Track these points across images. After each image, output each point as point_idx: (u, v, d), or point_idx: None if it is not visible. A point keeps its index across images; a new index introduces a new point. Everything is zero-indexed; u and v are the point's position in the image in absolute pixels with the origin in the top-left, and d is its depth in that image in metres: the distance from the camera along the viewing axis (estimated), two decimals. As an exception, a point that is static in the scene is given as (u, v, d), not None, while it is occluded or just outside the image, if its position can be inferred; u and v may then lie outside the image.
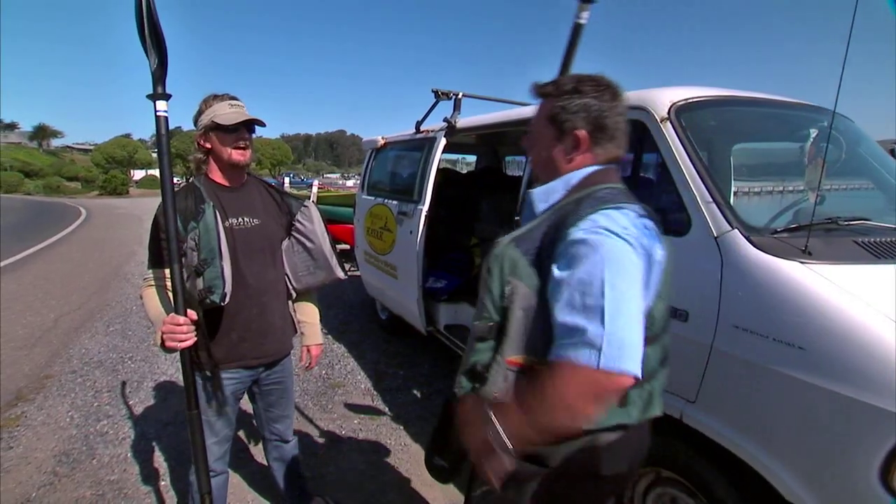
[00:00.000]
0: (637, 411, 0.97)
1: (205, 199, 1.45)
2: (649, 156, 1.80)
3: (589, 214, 0.86)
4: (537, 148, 1.06)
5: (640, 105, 1.74)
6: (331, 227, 6.79)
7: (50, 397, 3.23)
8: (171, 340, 1.31)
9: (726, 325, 1.36)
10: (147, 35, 1.26)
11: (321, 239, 1.69)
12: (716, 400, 1.39)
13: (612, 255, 0.81)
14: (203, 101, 1.54)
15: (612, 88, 0.99)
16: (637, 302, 0.82)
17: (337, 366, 3.81)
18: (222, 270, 1.43)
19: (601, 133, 0.98)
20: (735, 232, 1.39)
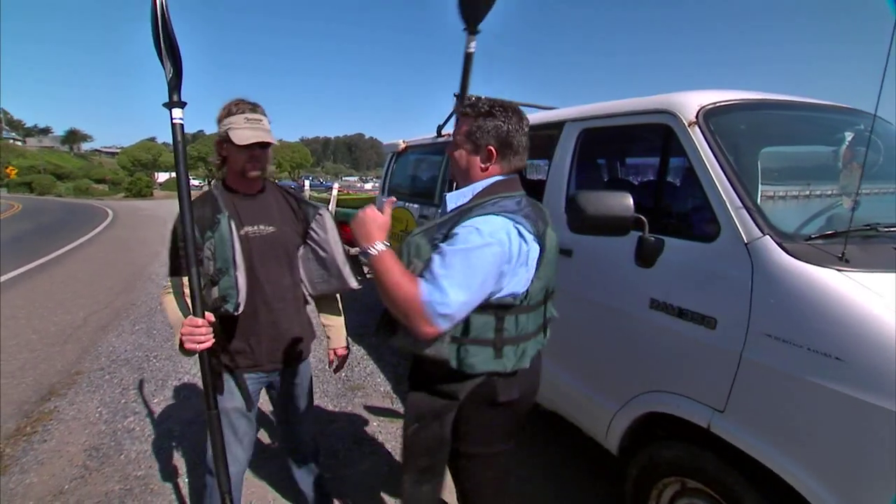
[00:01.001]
0: (511, 363, 1.25)
1: (220, 209, 1.46)
2: (676, 160, 1.78)
3: (475, 216, 1.14)
4: (458, 157, 1.30)
5: (666, 109, 1.72)
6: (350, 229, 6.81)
7: (80, 393, 3.32)
8: (191, 342, 1.34)
9: (757, 334, 1.33)
10: (162, 45, 1.29)
11: (334, 248, 1.68)
12: (746, 410, 1.36)
13: (471, 247, 1.09)
14: (224, 107, 1.52)
15: (518, 113, 1.26)
16: (468, 287, 1.08)
17: (356, 368, 3.84)
18: (236, 280, 1.44)
19: (508, 149, 1.25)
20: (767, 238, 1.36)
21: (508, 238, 1.13)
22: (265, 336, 1.60)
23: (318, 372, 3.72)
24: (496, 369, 1.24)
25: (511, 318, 1.23)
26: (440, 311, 1.07)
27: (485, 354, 1.23)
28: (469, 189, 1.28)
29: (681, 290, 1.58)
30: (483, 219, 1.13)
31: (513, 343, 1.24)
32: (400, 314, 1.12)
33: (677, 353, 1.58)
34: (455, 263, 1.08)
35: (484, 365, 1.23)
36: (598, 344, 1.95)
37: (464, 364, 1.22)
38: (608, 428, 1.88)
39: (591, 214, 1.44)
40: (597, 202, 1.44)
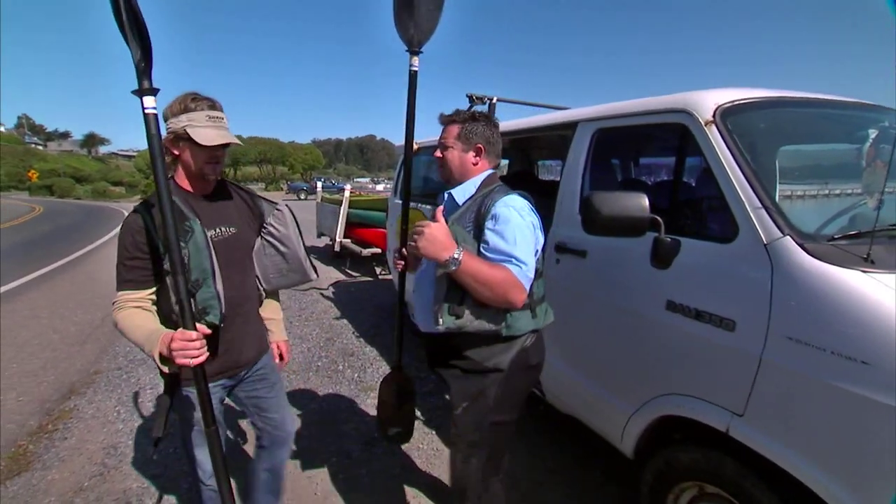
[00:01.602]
0: (541, 320, 1.53)
1: (187, 216, 1.36)
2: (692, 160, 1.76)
3: (501, 198, 1.41)
4: (450, 157, 1.55)
5: (682, 108, 1.69)
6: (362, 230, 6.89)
7: (99, 392, 3.39)
8: (184, 357, 1.21)
9: (778, 336, 1.30)
10: (125, 21, 1.13)
11: (296, 243, 1.67)
12: (767, 414, 1.33)
13: (517, 223, 1.36)
14: (178, 101, 1.38)
15: (493, 120, 1.58)
16: (532, 253, 1.38)
17: (369, 369, 3.86)
18: (217, 290, 1.38)
19: (490, 147, 1.55)
20: (787, 239, 1.33)
21: (530, 209, 1.43)
22: (233, 341, 1.55)
23: (332, 373, 3.75)
24: (534, 327, 1.50)
25: (536, 283, 1.48)
26: (529, 275, 1.36)
27: (525, 317, 1.48)
28: (471, 183, 1.54)
29: (698, 292, 1.56)
30: (509, 198, 1.41)
31: (539, 303, 1.53)
32: (499, 297, 1.34)
33: (694, 355, 1.56)
34: (517, 237, 1.35)
35: (527, 325, 1.48)
36: (614, 346, 1.93)
37: (512, 328, 1.45)
38: (623, 430, 1.86)
39: (606, 215, 1.44)
40: (612, 203, 1.44)
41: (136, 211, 1.37)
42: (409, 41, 1.79)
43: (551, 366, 2.12)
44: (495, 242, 1.36)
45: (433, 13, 1.78)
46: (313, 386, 3.53)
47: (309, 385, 3.54)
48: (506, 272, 1.32)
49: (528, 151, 4.76)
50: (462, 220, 1.45)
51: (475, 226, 1.42)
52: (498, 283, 1.32)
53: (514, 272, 1.32)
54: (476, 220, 1.42)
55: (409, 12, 1.76)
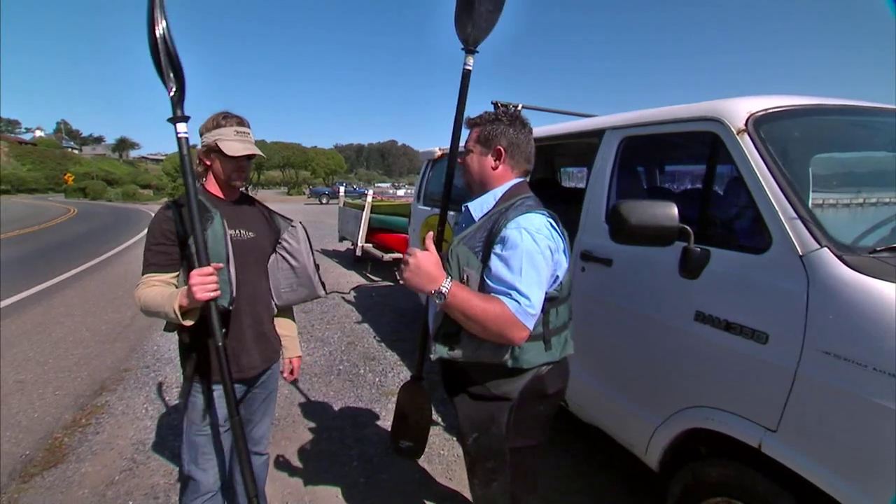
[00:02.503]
0: (558, 352, 1.39)
1: (210, 209, 1.50)
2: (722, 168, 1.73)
3: (515, 217, 1.25)
4: (470, 161, 1.43)
5: (713, 116, 1.67)
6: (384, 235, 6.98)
7: (128, 389, 3.49)
8: (203, 291, 1.31)
9: (814, 351, 1.27)
10: (164, 65, 1.32)
11: (306, 258, 1.74)
12: (802, 430, 1.29)
13: (527, 249, 1.20)
14: (211, 118, 1.55)
15: (520, 119, 1.42)
16: (541, 283, 1.22)
17: (390, 374, 3.88)
18: (229, 275, 1.47)
19: (516, 150, 1.39)
20: (824, 251, 1.30)
21: (550, 231, 1.27)
22: (246, 340, 1.60)
23: (353, 377, 3.79)
24: (547, 360, 1.36)
25: (553, 311, 1.36)
26: (530, 312, 1.20)
27: (537, 349, 1.35)
28: (490, 195, 1.39)
29: (728, 303, 1.53)
30: (524, 218, 1.25)
31: (556, 333, 1.38)
32: (494, 333, 1.21)
33: (725, 367, 1.53)
34: (523, 266, 1.20)
35: (537, 358, 1.35)
36: (639, 356, 1.91)
37: (519, 361, 1.33)
38: (649, 442, 1.83)
39: (634, 224, 1.42)
40: (641, 212, 1.42)
41: (166, 206, 1.53)
42: (465, 39, 1.75)
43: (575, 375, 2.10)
44: (498, 270, 1.22)
45: (492, 14, 1.76)
46: (335, 389, 3.56)
47: (331, 388, 3.58)
48: (501, 308, 1.17)
49: (553, 159, 4.77)
50: (472, 240, 1.31)
51: (485, 247, 1.28)
52: (491, 320, 1.18)
53: (511, 308, 1.17)
54: (487, 241, 1.28)
55: (469, 11, 1.74)
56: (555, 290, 1.33)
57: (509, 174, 1.41)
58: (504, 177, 1.41)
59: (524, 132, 1.41)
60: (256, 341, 1.65)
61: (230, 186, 1.60)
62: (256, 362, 1.65)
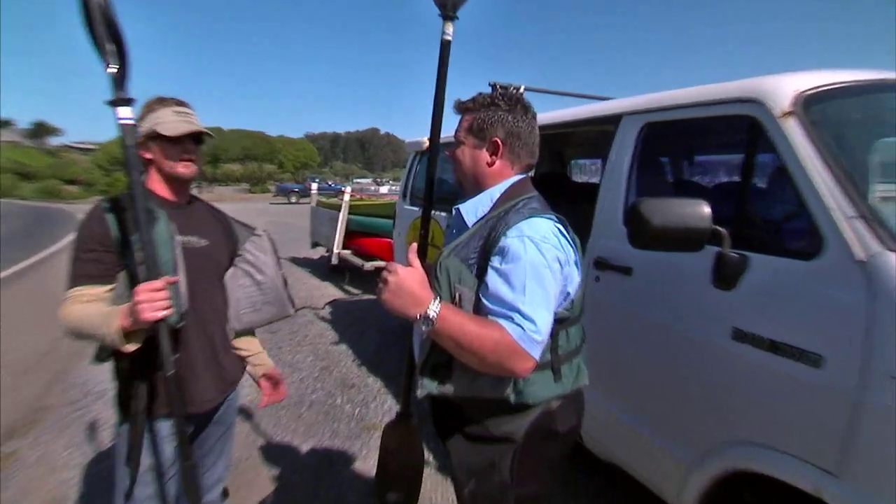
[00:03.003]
0: (570, 382, 1.34)
1: (154, 209, 1.46)
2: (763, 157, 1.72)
3: (516, 222, 1.21)
4: (461, 155, 1.39)
5: (752, 97, 1.66)
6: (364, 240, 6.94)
7: (46, 432, 3.35)
8: (152, 310, 1.27)
9: (883, 376, 1.24)
10: (99, 34, 1.28)
11: (274, 271, 1.74)
12: (872, 474, 1.26)
13: (532, 261, 1.16)
14: (144, 106, 1.54)
15: (522, 103, 1.35)
16: (549, 303, 1.18)
17: (372, 404, 3.83)
18: (178, 287, 1.44)
19: (516, 141, 1.33)
20: (890, 255, 1.28)
21: (558, 239, 1.23)
22: (197, 366, 1.58)
23: (328, 408, 3.74)
24: (557, 393, 1.32)
25: (563, 333, 1.31)
26: (536, 338, 1.14)
27: (544, 379, 1.29)
28: (486, 196, 1.35)
29: (772, 319, 1.51)
30: (527, 223, 1.21)
31: (567, 360, 1.33)
32: (492, 366, 1.16)
33: (770, 395, 1.51)
34: (527, 283, 1.15)
35: (545, 391, 1.30)
36: (667, 380, 1.90)
37: (524, 395, 1.28)
38: (681, 486, 1.80)
39: (657, 226, 1.41)
40: (665, 212, 1.41)
41: (99, 203, 1.49)
42: (441, 3, 1.69)
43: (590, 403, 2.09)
44: (496, 288, 1.17)
45: None
46: (307, 423, 3.51)
47: (301, 422, 3.52)
48: (500, 334, 1.13)
49: (561, 149, 4.77)
50: (465, 251, 1.27)
51: (481, 259, 1.23)
52: (488, 350, 1.13)
53: (513, 334, 1.13)
54: (483, 252, 1.23)
55: None
56: (565, 309, 1.29)
57: (508, 170, 1.37)
58: (502, 173, 1.36)
59: (526, 119, 1.35)
60: (209, 368, 1.62)
61: (179, 183, 1.58)
62: (210, 393, 1.62)
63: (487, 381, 1.26)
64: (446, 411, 1.45)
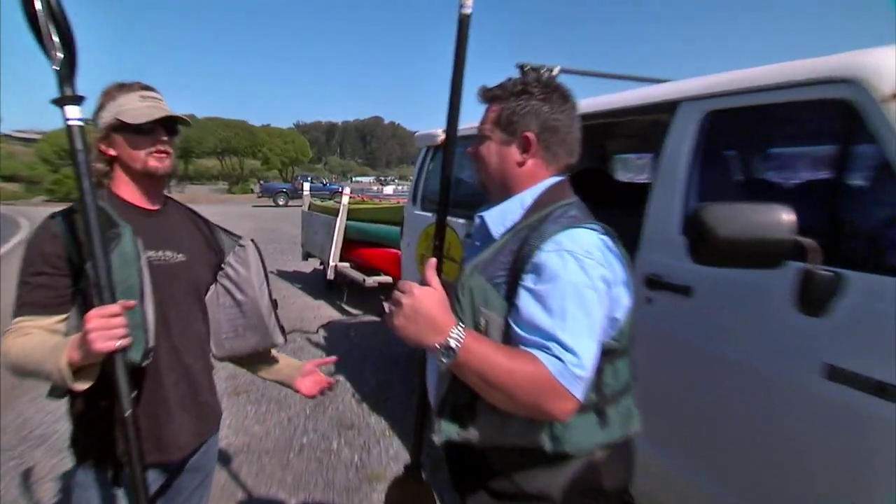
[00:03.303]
0: (618, 429, 1.32)
1: (116, 222, 1.44)
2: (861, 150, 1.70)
3: (553, 234, 1.19)
4: (486, 155, 1.39)
5: (847, 76, 1.64)
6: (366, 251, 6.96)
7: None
8: (105, 339, 1.24)
9: None
10: (43, 21, 1.27)
11: (258, 291, 1.73)
12: None
13: (574, 282, 1.14)
14: (103, 94, 1.54)
15: (560, 90, 1.34)
16: (593, 331, 1.16)
17: (375, 449, 3.82)
18: (144, 316, 1.41)
19: (552, 136, 1.32)
20: None
21: (604, 253, 1.22)
22: (170, 408, 1.57)
23: (322, 454, 3.74)
24: (603, 441, 1.29)
25: (610, 368, 1.29)
26: (578, 374, 1.11)
27: (587, 424, 1.26)
28: (516, 201, 1.35)
29: (877, 353, 1.48)
30: (566, 235, 1.20)
31: (615, 401, 1.31)
32: (526, 404, 1.14)
33: (879, 452, 1.47)
34: (567, 307, 1.13)
35: (588, 439, 1.27)
36: (740, 428, 1.87)
37: (562, 443, 1.25)
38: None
39: (724, 238, 1.38)
40: (735, 219, 1.38)
41: (52, 216, 1.47)
42: None
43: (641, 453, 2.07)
44: (530, 313, 1.16)
45: None
46: (296, 473, 3.50)
47: (290, 471, 3.51)
48: (535, 368, 1.11)
49: (602, 143, 4.76)
50: (491, 268, 1.26)
51: (511, 277, 1.23)
52: (521, 387, 1.11)
53: (552, 369, 1.10)
54: (513, 269, 1.22)
55: None
56: (612, 338, 1.27)
57: (543, 171, 1.36)
58: (535, 175, 1.35)
59: (566, 110, 1.34)
60: (186, 407, 1.61)
61: (150, 182, 1.58)
62: (185, 438, 1.62)
63: (519, 425, 1.24)
64: (467, 460, 1.42)
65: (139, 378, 1.48)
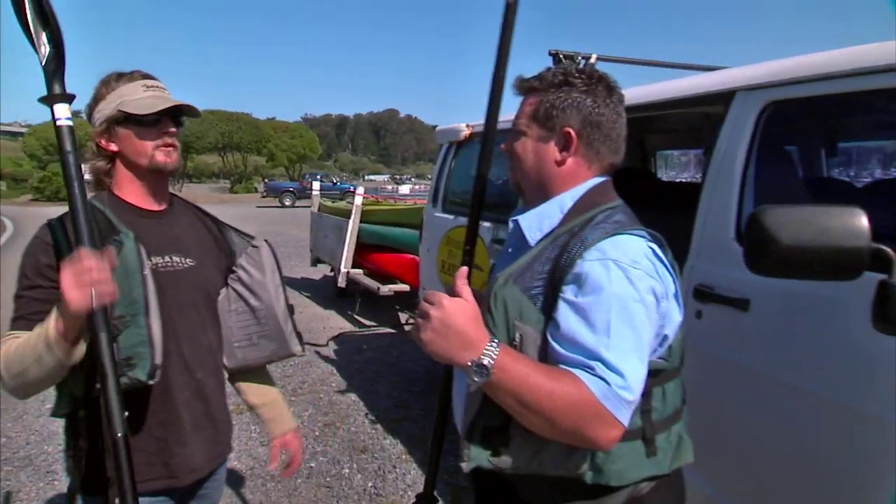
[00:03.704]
0: (667, 459, 1.30)
1: (118, 228, 1.46)
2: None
3: (597, 242, 1.19)
4: (522, 153, 1.38)
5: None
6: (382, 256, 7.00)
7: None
8: (78, 286, 1.22)
9: None
10: (30, 16, 1.29)
11: (273, 296, 1.74)
12: None
13: (619, 294, 1.13)
14: (102, 84, 1.55)
15: (606, 82, 1.33)
16: (641, 350, 1.15)
17: (390, 475, 3.81)
18: (149, 332, 1.42)
19: (595, 131, 1.31)
20: None
21: (653, 264, 1.21)
22: (181, 427, 1.58)
23: (332, 479, 3.75)
24: (651, 473, 1.27)
25: (658, 391, 1.28)
26: (625, 397, 1.10)
27: (632, 453, 1.25)
28: (554, 205, 1.34)
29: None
30: (611, 242, 1.20)
31: (664, 428, 1.31)
32: (566, 431, 1.13)
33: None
34: (612, 322, 1.12)
35: (634, 470, 1.26)
36: (804, 461, 1.85)
37: (605, 474, 1.23)
38: None
39: (788, 245, 1.34)
40: (800, 224, 1.34)
41: (48, 223, 1.49)
42: None
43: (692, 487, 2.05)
44: (571, 328, 1.15)
45: None
46: (303, 501, 3.51)
47: (298, 499, 3.53)
48: (577, 389, 1.09)
49: (642, 138, 4.73)
50: (525, 277, 1.26)
51: (548, 288, 1.23)
52: (562, 411, 1.09)
53: (595, 391, 1.08)
54: (551, 279, 1.23)
55: None
56: (661, 357, 1.27)
57: (584, 171, 1.35)
58: (576, 175, 1.35)
59: (611, 103, 1.32)
60: (200, 427, 1.63)
61: (156, 179, 1.60)
62: (198, 461, 1.63)
63: (556, 452, 1.22)
64: (497, 491, 1.41)
65: (147, 398, 1.50)
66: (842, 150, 3.36)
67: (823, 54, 2.00)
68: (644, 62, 3.54)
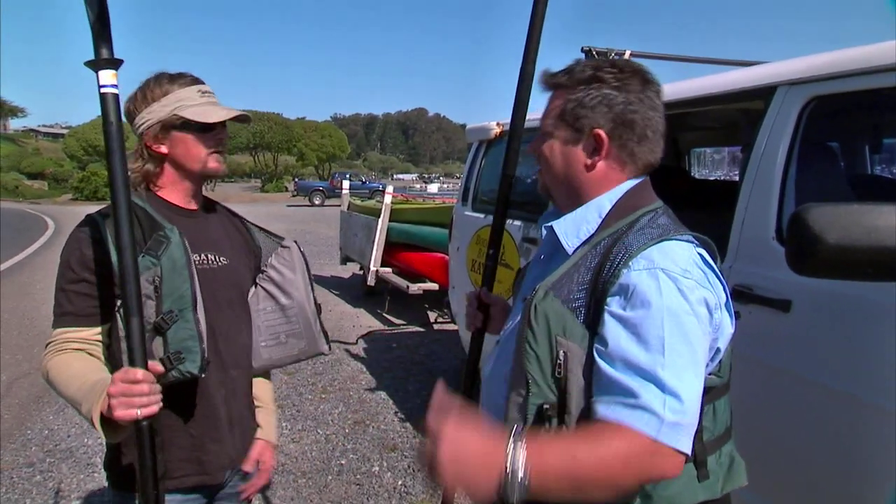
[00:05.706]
0: (719, 482, 1.24)
1: (162, 224, 1.45)
2: None
3: (643, 249, 1.11)
4: (549, 156, 1.29)
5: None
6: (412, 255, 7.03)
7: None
8: (126, 406, 1.21)
9: None
10: None
11: (304, 295, 1.75)
12: None
13: (673, 308, 1.05)
14: (152, 84, 1.53)
15: (640, 74, 1.22)
16: (698, 366, 1.07)
17: (420, 473, 3.78)
18: (198, 326, 1.44)
19: (628, 131, 1.20)
20: None
21: (703, 273, 1.14)
22: (216, 424, 1.59)
23: (362, 477, 3.72)
24: (703, 499, 1.21)
25: (709, 409, 1.21)
26: (683, 423, 1.02)
27: (683, 477, 1.14)
28: (592, 209, 1.26)
29: None
30: (657, 250, 1.12)
31: (715, 449, 1.25)
32: (633, 484, 1.06)
33: None
34: (666, 339, 1.04)
35: (686, 495, 1.19)
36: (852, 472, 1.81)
37: (654, 501, 1.16)
38: None
39: (833, 245, 1.29)
40: (845, 223, 1.29)
41: (90, 218, 1.48)
42: None
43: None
44: (621, 346, 1.06)
45: None
46: (334, 498, 3.51)
47: (328, 495, 3.53)
48: (627, 441, 1.00)
49: (677, 135, 4.66)
50: (566, 288, 1.18)
51: (590, 298, 1.15)
52: (622, 471, 1.01)
53: (647, 431, 1.00)
54: (593, 289, 1.15)
55: None
56: (713, 373, 1.20)
57: (617, 175, 1.25)
58: (608, 180, 1.25)
59: (646, 98, 1.21)
60: (234, 424, 1.64)
61: (200, 183, 1.63)
62: (229, 458, 1.64)
63: None
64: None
65: (185, 395, 1.50)
66: (886, 146, 3.30)
67: (869, 47, 1.95)
68: (679, 58, 3.49)
